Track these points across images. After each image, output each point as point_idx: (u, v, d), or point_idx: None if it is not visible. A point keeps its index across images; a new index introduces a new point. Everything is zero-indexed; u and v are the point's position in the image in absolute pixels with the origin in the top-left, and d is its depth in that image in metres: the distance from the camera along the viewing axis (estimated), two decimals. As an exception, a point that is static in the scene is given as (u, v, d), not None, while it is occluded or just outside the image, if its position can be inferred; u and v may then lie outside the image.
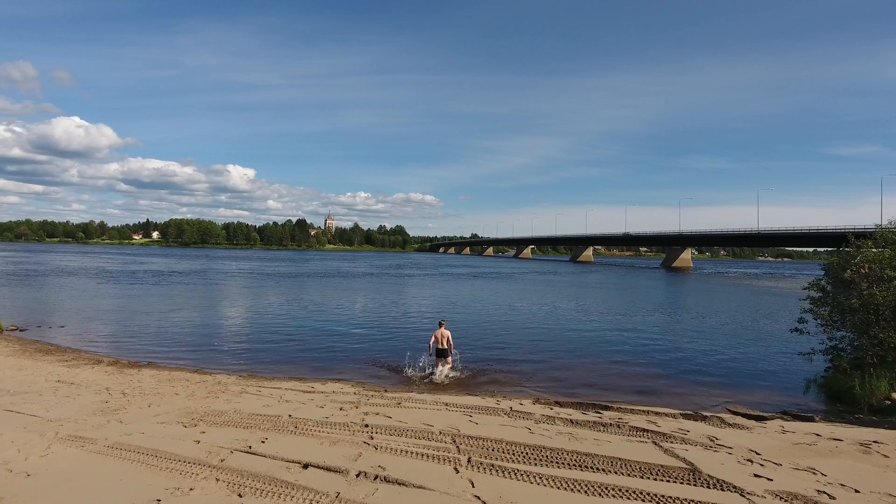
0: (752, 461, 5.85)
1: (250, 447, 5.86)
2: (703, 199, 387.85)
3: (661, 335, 18.56)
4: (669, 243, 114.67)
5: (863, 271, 12.38)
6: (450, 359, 11.91)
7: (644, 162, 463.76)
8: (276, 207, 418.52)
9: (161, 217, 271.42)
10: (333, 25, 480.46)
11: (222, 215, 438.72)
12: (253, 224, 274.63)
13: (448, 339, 11.86)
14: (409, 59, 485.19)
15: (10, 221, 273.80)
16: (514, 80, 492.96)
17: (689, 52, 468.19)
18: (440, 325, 12.22)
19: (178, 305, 23.68)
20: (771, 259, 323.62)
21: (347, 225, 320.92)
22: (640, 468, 5.49)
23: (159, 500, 4.47)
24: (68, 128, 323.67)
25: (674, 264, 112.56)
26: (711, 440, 6.68)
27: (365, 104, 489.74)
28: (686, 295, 38.64)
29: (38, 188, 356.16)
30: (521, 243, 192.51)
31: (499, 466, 5.42)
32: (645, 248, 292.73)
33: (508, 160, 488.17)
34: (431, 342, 11.92)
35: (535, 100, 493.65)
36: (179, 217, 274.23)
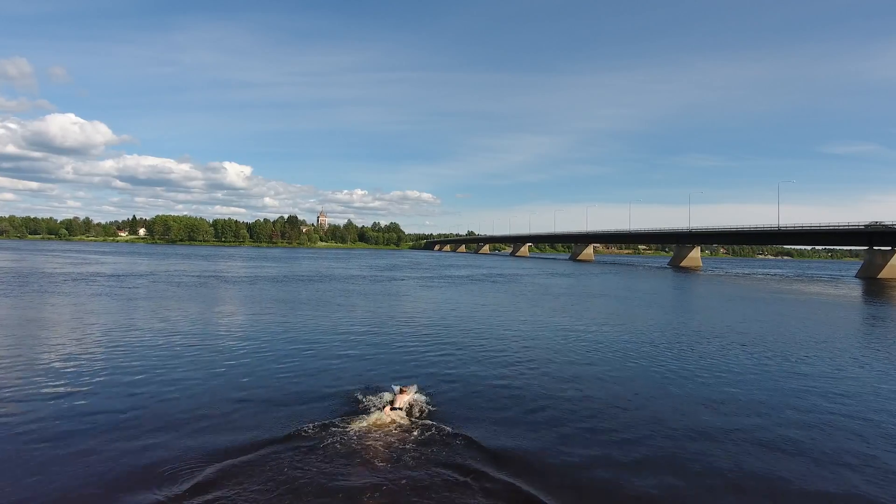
0: None
1: None
2: (701, 197, 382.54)
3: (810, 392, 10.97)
4: (678, 241, 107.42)
5: None
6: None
7: (642, 160, 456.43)
8: (274, 205, 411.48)
9: (158, 215, 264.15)
10: (330, 23, 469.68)
11: (219, 212, 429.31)
12: (249, 222, 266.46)
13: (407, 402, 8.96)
14: (406, 57, 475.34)
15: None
16: (511, 77, 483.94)
17: (687, 50, 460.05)
18: (401, 391, 9.30)
19: None
20: (771, 257, 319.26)
21: (343, 222, 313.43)
22: None
23: None
24: (64, 125, 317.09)
25: (682, 263, 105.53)
26: None
27: (362, 102, 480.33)
28: (734, 306, 30.96)
29: (34, 185, 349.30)
30: (518, 241, 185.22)
31: None
32: (644, 246, 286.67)
33: (506, 158, 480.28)
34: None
35: (532, 98, 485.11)
36: (175, 214, 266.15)
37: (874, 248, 68.40)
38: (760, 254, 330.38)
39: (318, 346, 14.63)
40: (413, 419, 8.50)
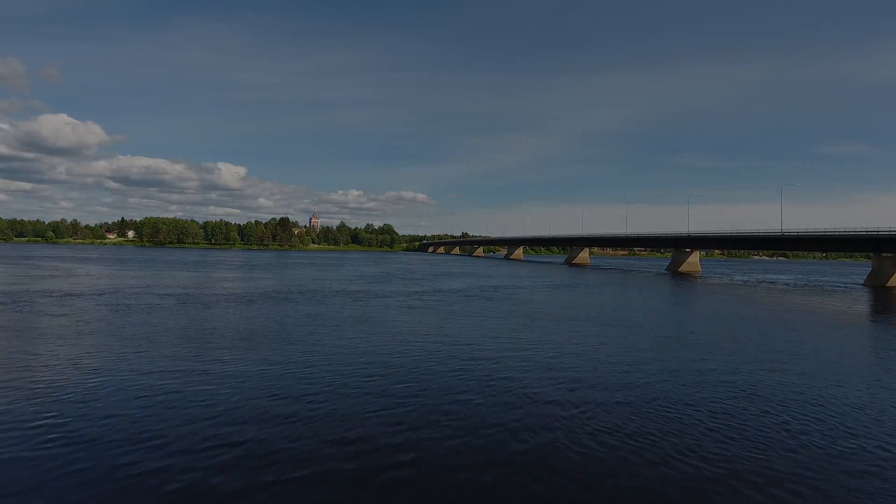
0: None
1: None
2: (698, 197, 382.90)
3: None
4: (677, 245, 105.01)
5: None
6: None
7: (636, 161, 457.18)
8: (268, 206, 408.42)
9: (152, 216, 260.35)
10: (325, 24, 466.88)
11: (213, 213, 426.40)
12: (241, 223, 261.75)
13: None
14: (400, 58, 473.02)
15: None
16: (506, 78, 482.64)
17: (681, 51, 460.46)
18: None
19: None
20: (767, 258, 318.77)
21: (337, 223, 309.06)
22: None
23: None
24: (56, 125, 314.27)
25: (680, 269, 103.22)
26: None
27: (357, 102, 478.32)
28: (757, 335, 28.00)
29: (26, 186, 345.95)
30: (513, 243, 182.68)
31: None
32: (640, 248, 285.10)
33: (501, 158, 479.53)
34: None
35: (527, 98, 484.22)
36: (168, 216, 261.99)
37: (883, 254, 65.87)
38: (756, 255, 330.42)
39: (245, 424, 11.40)
40: None
